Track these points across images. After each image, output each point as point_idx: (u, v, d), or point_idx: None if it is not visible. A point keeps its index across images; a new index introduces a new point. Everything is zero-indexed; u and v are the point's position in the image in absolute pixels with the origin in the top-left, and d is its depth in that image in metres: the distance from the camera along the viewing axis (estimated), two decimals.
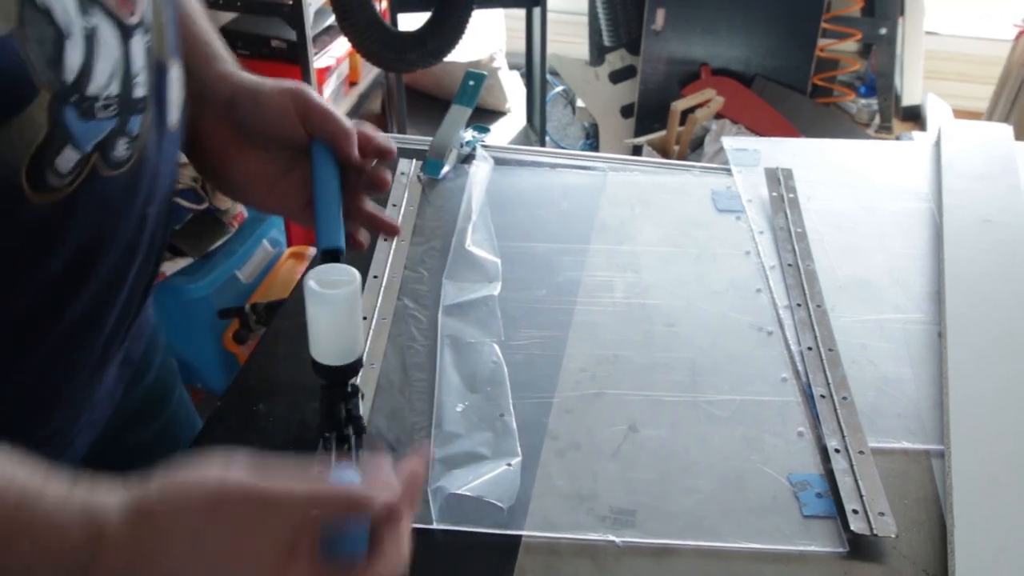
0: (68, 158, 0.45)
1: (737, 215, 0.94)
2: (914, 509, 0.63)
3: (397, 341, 0.76)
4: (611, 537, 0.61)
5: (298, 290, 0.84)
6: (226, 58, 0.65)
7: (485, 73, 0.90)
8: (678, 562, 0.60)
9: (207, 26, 0.66)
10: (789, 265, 0.85)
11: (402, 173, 0.97)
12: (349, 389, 0.58)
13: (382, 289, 0.81)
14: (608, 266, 0.87)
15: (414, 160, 0.99)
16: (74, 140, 0.45)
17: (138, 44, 0.49)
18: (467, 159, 1.00)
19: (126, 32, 0.47)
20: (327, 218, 0.59)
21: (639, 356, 0.76)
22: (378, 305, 0.79)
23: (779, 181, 0.96)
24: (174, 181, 0.59)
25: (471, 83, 0.95)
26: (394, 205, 0.92)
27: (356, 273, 0.53)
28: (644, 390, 0.73)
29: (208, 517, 0.39)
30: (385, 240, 0.86)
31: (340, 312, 0.53)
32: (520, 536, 0.61)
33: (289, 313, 0.80)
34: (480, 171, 0.97)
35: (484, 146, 1.01)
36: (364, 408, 0.68)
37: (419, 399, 0.71)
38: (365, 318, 0.77)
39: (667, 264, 0.87)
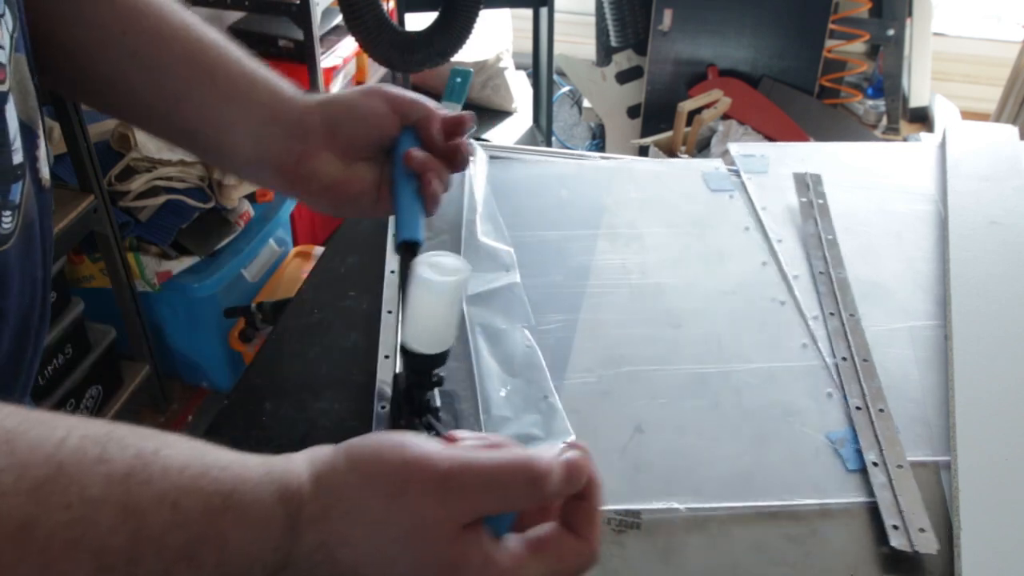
0: None
1: (730, 194, 0.97)
2: None
3: None
4: (674, 504, 0.62)
5: (304, 289, 0.84)
6: (291, 86, 0.63)
7: (471, 70, 0.90)
8: (729, 525, 0.61)
9: (257, 64, 0.62)
10: (821, 273, 0.84)
11: None
12: (434, 379, 0.57)
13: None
14: (616, 249, 0.88)
15: None
16: None
17: (10, 110, 0.46)
18: None
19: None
20: (407, 211, 0.60)
21: (663, 332, 0.78)
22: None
23: (808, 187, 0.95)
24: (53, 236, 0.56)
25: (458, 80, 0.95)
26: None
27: (467, 265, 0.52)
28: (673, 364, 0.75)
29: (392, 498, 0.39)
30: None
31: (444, 301, 0.52)
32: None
33: (295, 312, 0.80)
34: (477, 165, 0.98)
35: (478, 140, 1.03)
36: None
37: (461, 387, 0.71)
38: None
39: (672, 243, 0.89)
